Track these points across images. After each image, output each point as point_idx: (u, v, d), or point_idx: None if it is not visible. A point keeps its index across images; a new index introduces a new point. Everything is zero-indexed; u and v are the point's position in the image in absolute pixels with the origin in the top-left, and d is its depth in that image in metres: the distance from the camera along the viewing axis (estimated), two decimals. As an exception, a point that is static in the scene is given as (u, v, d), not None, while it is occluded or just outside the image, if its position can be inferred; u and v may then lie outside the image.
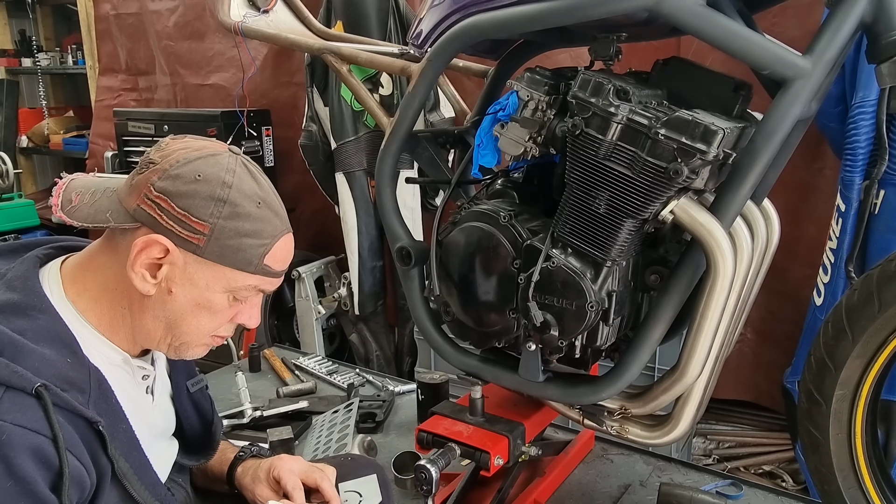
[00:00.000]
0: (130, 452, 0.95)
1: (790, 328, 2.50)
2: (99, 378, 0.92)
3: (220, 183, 0.92)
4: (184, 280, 0.94)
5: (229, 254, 0.94)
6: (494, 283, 1.34)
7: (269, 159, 3.46)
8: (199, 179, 0.91)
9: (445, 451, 1.40)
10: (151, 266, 0.93)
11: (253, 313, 1.04)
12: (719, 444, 2.71)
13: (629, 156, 1.13)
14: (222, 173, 0.93)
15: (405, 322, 3.11)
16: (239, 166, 0.95)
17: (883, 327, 1.20)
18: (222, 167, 0.93)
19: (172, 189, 0.91)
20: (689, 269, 1.22)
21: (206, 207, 0.91)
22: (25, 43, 5.25)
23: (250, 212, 0.94)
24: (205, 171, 0.92)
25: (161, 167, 0.92)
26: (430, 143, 1.60)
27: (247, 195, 0.94)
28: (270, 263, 0.98)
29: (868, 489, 1.31)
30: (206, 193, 0.91)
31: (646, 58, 1.39)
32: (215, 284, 0.95)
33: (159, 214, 0.91)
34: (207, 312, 0.97)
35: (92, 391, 0.90)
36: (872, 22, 1.12)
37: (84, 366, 0.91)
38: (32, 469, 0.81)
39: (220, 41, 3.59)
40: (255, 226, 0.94)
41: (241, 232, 0.93)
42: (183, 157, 0.92)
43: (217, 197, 0.92)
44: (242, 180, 0.94)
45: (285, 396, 2.21)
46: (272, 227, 0.97)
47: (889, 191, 1.99)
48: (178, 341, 0.99)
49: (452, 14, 1.34)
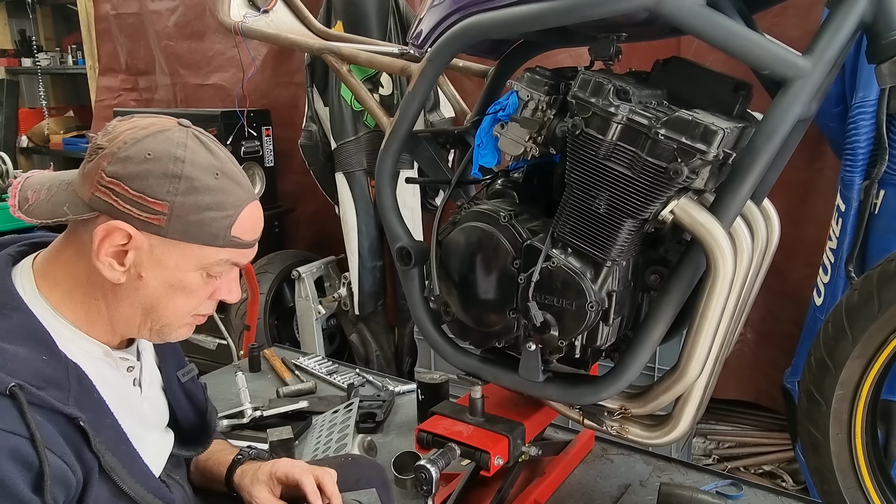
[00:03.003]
0: (118, 446, 0.93)
1: (790, 328, 2.50)
2: (78, 373, 0.90)
3: (172, 158, 0.89)
4: (152, 263, 0.91)
5: (194, 230, 0.91)
6: (494, 283, 1.34)
7: (269, 159, 3.46)
8: (150, 158, 0.88)
9: (445, 451, 1.40)
10: (117, 253, 0.90)
11: (232, 287, 1.01)
12: (719, 444, 2.71)
13: (629, 156, 1.13)
14: (173, 148, 0.89)
15: (405, 322, 3.11)
16: (190, 139, 0.92)
17: (883, 327, 1.20)
18: (172, 142, 0.90)
19: (124, 172, 0.88)
20: (689, 269, 1.22)
21: (162, 186, 0.88)
22: (25, 43, 5.25)
23: (209, 184, 0.91)
24: (154, 149, 0.89)
25: (109, 151, 0.89)
26: (430, 143, 1.60)
27: (202, 167, 0.91)
28: (239, 234, 0.95)
29: (868, 489, 1.31)
30: (159, 171, 0.88)
31: (646, 58, 1.39)
32: (185, 263, 0.93)
33: (115, 200, 0.88)
34: (183, 293, 0.95)
35: (71, 387, 0.88)
36: (872, 22, 1.12)
37: (61, 362, 0.89)
38: (12, 471, 0.79)
39: (220, 41, 3.59)
40: (215, 198, 0.91)
41: (202, 206, 0.90)
42: (130, 138, 0.89)
43: (171, 173, 0.88)
44: (196, 153, 0.91)
45: (285, 396, 2.21)
46: (234, 197, 0.93)
47: (889, 191, 1.99)
48: (159, 325, 0.97)
49: (452, 14, 1.34)
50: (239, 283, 1.04)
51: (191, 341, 3.35)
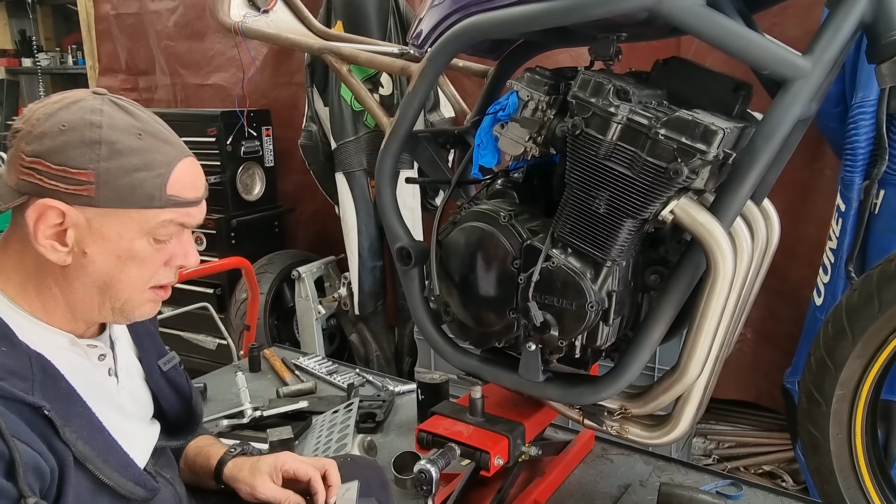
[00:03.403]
0: (91, 435, 0.91)
1: (790, 328, 2.50)
2: (43, 363, 0.88)
3: (88, 125, 0.86)
4: (94, 237, 0.89)
5: (126, 194, 0.88)
6: (494, 283, 1.34)
7: (269, 159, 3.46)
8: (66, 129, 0.86)
9: (445, 451, 1.40)
10: (57, 234, 0.88)
11: (188, 251, 0.99)
12: (719, 444, 2.72)
13: (629, 156, 1.13)
14: (88, 115, 0.87)
15: (405, 322, 3.11)
16: (106, 104, 0.89)
17: (883, 327, 1.20)
18: (86, 109, 0.87)
19: (42, 148, 0.85)
20: (689, 269, 1.22)
21: (83, 154, 0.86)
22: (25, 43, 5.26)
23: (132, 145, 0.88)
24: (69, 119, 0.86)
25: (25, 131, 0.87)
26: (430, 143, 1.60)
27: (122, 129, 0.88)
28: (176, 193, 0.92)
29: (868, 489, 1.31)
30: (77, 140, 0.86)
31: (646, 58, 1.39)
32: (127, 231, 0.90)
33: (39, 178, 0.86)
34: (133, 263, 0.92)
35: (35, 377, 0.86)
36: (872, 22, 1.12)
37: (23, 353, 0.87)
38: None
39: (220, 41, 3.59)
40: (142, 158, 0.88)
41: (130, 168, 0.87)
42: (43, 114, 0.87)
43: (89, 140, 0.86)
44: (113, 117, 0.88)
45: (285, 396, 2.21)
46: (163, 155, 0.91)
47: (889, 191, 1.99)
48: (119, 302, 0.94)
49: (452, 14, 1.34)
50: (195, 246, 1.00)
51: (191, 341, 3.36)
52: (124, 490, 0.95)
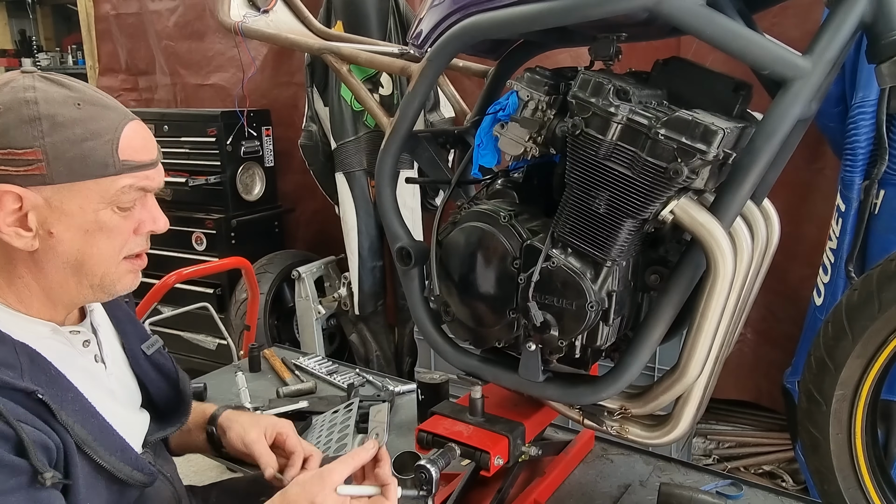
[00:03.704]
0: (86, 419, 0.91)
1: (790, 328, 2.50)
2: (29, 352, 0.88)
3: (23, 103, 0.85)
4: (56, 216, 0.88)
5: (78, 166, 0.87)
6: (494, 283, 1.34)
7: (269, 159, 3.47)
8: (2, 111, 0.84)
9: (445, 451, 1.40)
10: (18, 220, 0.87)
11: (155, 216, 0.98)
12: (719, 444, 2.72)
13: (629, 156, 1.13)
14: (21, 93, 0.86)
15: (405, 322, 3.11)
16: (38, 81, 0.88)
17: (883, 327, 1.20)
18: (19, 88, 0.86)
19: None
20: (689, 269, 1.22)
21: (24, 133, 0.84)
22: (25, 43, 5.27)
23: (73, 116, 0.87)
24: (3, 101, 0.85)
25: None
26: (430, 143, 1.60)
27: (59, 102, 0.87)
28: (129, 157, 0.91)
29: (868, 489, 1.31)
30: (15, 120, 0.84)
31: (646, 58, 1.39)
32: (89, 203, 0.89)
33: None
34: (102, 234, 0.91)
35: (23, 366, 0.86)
36: (872, 22, 1.12)
37: (7, 343, 0.87)
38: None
39: (220, 41, 3.60)
40: (86, 127, 0.87)
41: (75, 139, 0.86)
42: None
43: (28, 118, 0.84)
44: (47, 91, 0.87)
45: (285, 396, 2.21)
46: (107, 121, 0.90)
47: (889, 191, 1.99)
48: (97, 278, 0.94)
49: (452, 14, 1.34)
50: (161, 210, 1.00)
51: (191, 341, 3.36)
52: (122, 474, 0.94)
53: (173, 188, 3.37)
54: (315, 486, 1.01)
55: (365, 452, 1.09)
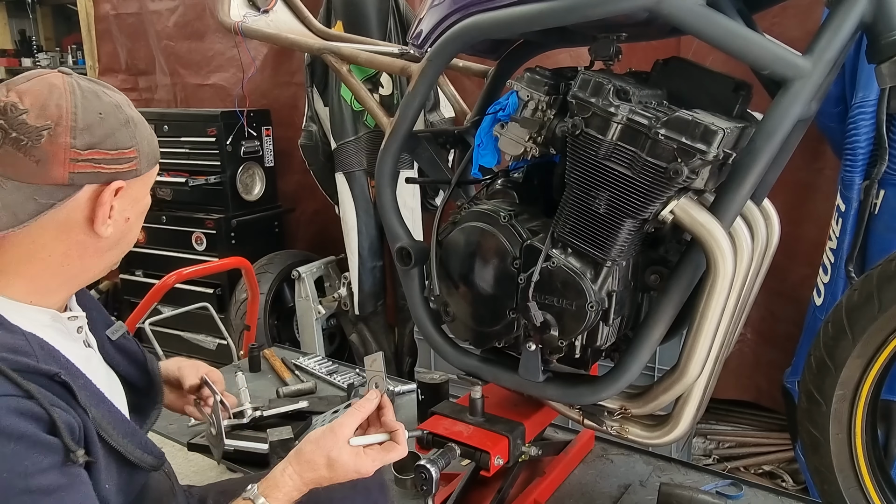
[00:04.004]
0: (98, 403, 0.93)
1: (790, 328, 2.50)
2: (39, 341, 0.90)
3: (116, 106, 0.93)
4: (132, 204, 0.97)
5: (152, 159, 0.99)
6: (494, 283, 1.34)
7: (269, 159, 3.47)
8: (103, 116, 0.92)
9: (445, 451, 1.40)
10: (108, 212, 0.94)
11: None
12: (719, 444, 2.72)
13: (629, 156, 1.13)
14: (106, 98, 0.93)
15: (405, 322, 3.11)
16: (96, 85, 0.95)
17: (883, 327, 1.20)
18: (98, 94, 0.93)
19: (94, 139, 0.90)
20: (689, 269, 1.22)
21: (125, 135, 0.93)
22: (25, 43, 5.26)
23: (137, 116, 0.97)
24: (98, 107, 0.92)
25: (64, 127, 0.87)
26: (430, 143, 1.60)
27: (126, 104, 0.96)
28: None
29: (868, 489, 1.31)
30: (117, 123, 0.92)
31: (646, 58, 1.39)
32: (145, 189, 1.00)
33: (98, 166, 0.91)
34: (142, 218, 1.02)
35: (36, 353, 0.88)
36: (872, 22, 1.12)
37: (19, 333, 0.88)
38: (25, 424, 0.80)
39: (220, 41, 3.59)
40: (145, 125, 0.98)
41: (146, 135, 0.97)
42: (72, 106, 0.89)
43: (123, 121, 0.93)
44: (115, 95, 0.96)
45: (285, 396, 2.21)
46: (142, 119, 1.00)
47: (889, 191, 1.99)
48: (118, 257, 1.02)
49: (452, 14, 1.34)
50: None
51: (191, 341, 3.36)
52: (133, 457, 0.97)
53: (173, 188, 3.37)
54: (328, 441, 1.06)
55: (369, 403, 1.13)
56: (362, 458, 1.08)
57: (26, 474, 0.79)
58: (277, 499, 1.03)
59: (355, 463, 1.07)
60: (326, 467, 1.06)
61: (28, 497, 0.79)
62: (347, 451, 1.06)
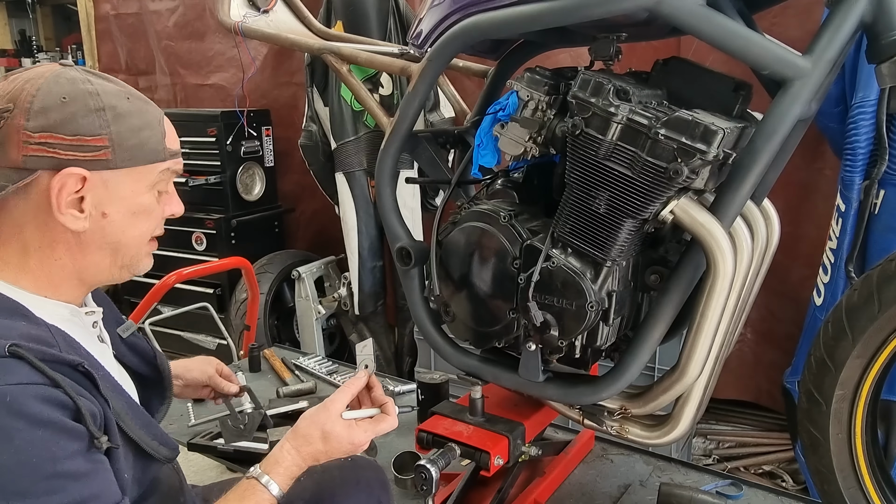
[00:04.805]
0: (117, 395, 0.94)
1: (790, 328, 2.50)
2: (61, 333, 0.91)
3: (88, 94, 0.90)
4: (112, 198, 0.93)
5: (137, 153, 0.94)
6: (494, 283, 1.34)
7: (269, 159, 3.47)
8: (67, 100, 0.88)
9: (445, 451, 1.40)
10: (74, 202, 0.91)
11: (177, 200, 1.05)
12: (719, 444, 2.72)
13: (629, 156, 1.13)
14: (81, 85, 0.90)
15: (405, 322, 3.11)
16: (88, 74, 0.93)
17: (883, 327, 1.20)
18: (77, 80, 0.91)
19: (49, 122, 0.87)
20: (689, 269, 1.22)
21: (93, 122, 0.89)
22: (25, 43, 5.27)
23: (128, 108, 0.93)
24: (66, 91, 0.89)
25: (20, 109, 0.87)
26: (430, 143, 1.60)
27: (114, 94, 0.93)
28: (170, 145, 0.99)
29: (868, 489, 1.31)
30: (83, 109, 0.89)
31: (646, 58, 1.39)
32: (139, 186, 0.96)
33: (54, 151, 0.88)
34: (143, 216, 0.98)
35: (59, 344, 0.89)
36: (872, 22, 1.12)
37: (41, 324, 0.90)
38: (51, 411, 0.82)
39: (220, 41, 3.59)
40: (141, 118, 0.95)
41: (134, 128, 0.93)
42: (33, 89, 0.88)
43: (94, 108, 0.90)
44: (102, 84, 0.93)
45: (285, 396, 2.21)
46: (151, 113, 0.98)
47: (889, 191, 1.99)
48: (127, 259, 0.99)
49: (452, 14, 1.34)
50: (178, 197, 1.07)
51: (191, 341, 3.36)
52: (150, 448, 0.98)
53: (173, 188, 3.37)
54: (322, 416, 1.11)
55: (358, 381, 1.18)
56: (355, 429, 1.12)
57: (54, 459, 0.81)
58: (279, 474, 1.07)
59: (349, 434, 1.11)
60: (321, 440, 1.10)
61: (56, 481, 0.81)
62: (340, 424, 1.11)
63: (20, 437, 0.79)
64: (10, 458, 0.79)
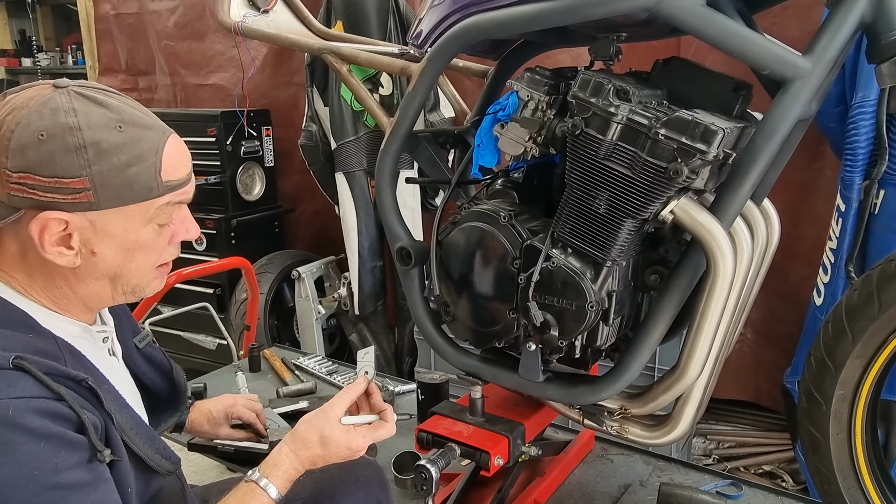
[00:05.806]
0: (121, 409, 0.94)
1: (790, 328, 2.50)
2: (68, 346, 0.91)
3: (67, 129, 0.83)
4: (101, 237, 0.89)
5: (124, 192, 0.87)
6: (494, 283, 1.34)
7: (269, 159, 3.46)
8: (45, 138, 0.82)
9: (445, 451, 1.40)
10: (61, 239, 0.87)
11: (188, 227, 1.00)
12: (719, 444, 2.72)
13: (629, 156, 1.13)
14: (62, 118, 0.83)
15: (405, 322, 3.11)
16: (76, 101, 0.85)
17: (883, 327, 1.20)
18: (59, 112, 0.83)
19: (26, 162, 0.82)
20: (689, 269, 1.22)
21: (71, 162, 0.83)
22: (25, 43, 5.26)
23: (116, 141, 0.85)
24: (45, 126, 0.82)
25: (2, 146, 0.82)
26: (430, 143, 1.60)
27: (101, 126, 0.85)
28: (170, 177, 0.91)
29: (868, 489, 1.31)
30: (61, 148, 0.82)
31: (646, 58, 1.39)
32: (132, 224, 0.90)
33: (33, 192, 0.83)
34: (141, 251, 0.93)
35: (65, 357, 0.89)
36: (872, 22, 1.12)
37: (48, 337, 0.89)
38: (54, 424, 0.82)
39: (220, 41, 3.59)
40: (130, 152, 0.87)
41: (121, 165, 0.86)
42: (14, 123, 0.83)
43: (73, 146, 0.83)
44: (88, 114, 0.85)
45: (285, 396, 2.21)
46: (148, 142, 0.89)
47: (889, 191, 1.99)
48: (129, 287, 0.96)
49: (452, 14, 1.34)
50: (192, 218, 1.02)
51: (191, 341, 3.36)
52: (153, 461, 0.99)
53: (173, 188, 3.36)
54: (321, 420, 1.13)
55: (358, 386, 1.19)
56: (353, 435, 1.13)
57: (56, 470, 0.81)
58: (277, 477, 1.07)
59: (346, 439, 1.12)
60: (320, 444, 1.11)
61: (57, 492, 0.81)
62: (339, 429, 1.12)
63: (22, 450, 0.79)
64: (11, 470, 0.79)
